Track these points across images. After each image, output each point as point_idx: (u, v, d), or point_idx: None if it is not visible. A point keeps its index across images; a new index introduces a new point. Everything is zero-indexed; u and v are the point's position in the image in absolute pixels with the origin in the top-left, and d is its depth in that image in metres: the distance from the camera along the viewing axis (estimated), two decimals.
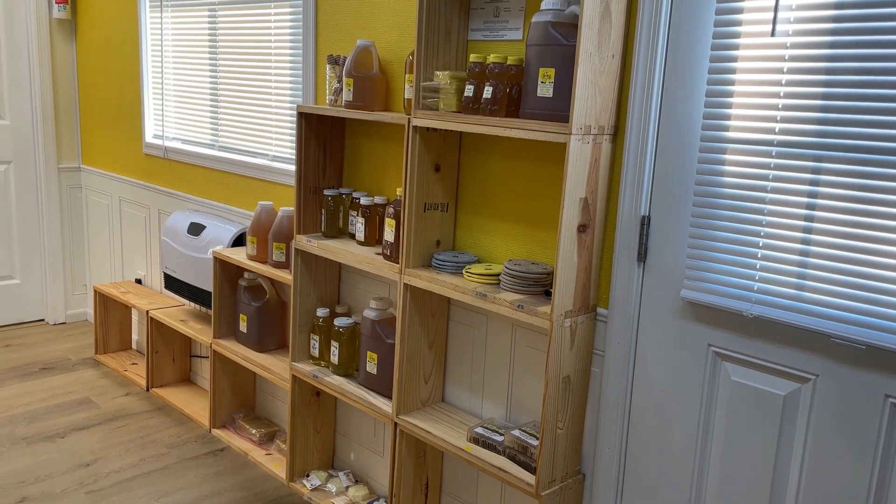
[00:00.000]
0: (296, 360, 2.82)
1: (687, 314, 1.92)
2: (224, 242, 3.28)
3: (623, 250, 2.00)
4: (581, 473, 2.18)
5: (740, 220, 1.79)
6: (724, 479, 1.91)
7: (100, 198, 4.44)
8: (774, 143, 1.72)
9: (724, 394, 1.88)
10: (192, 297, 3.50)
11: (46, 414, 3.45)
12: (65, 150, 4.53)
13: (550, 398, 2.00)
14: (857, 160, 1.61)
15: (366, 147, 2.74)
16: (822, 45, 1.63)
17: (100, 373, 3.95)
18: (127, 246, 4.26)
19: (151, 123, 3.96)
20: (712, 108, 1.81)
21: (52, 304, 4.62)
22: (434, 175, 2.33)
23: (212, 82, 3.52)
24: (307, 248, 2.67)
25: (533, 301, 2.03)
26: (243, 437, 3.27)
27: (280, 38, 3.08)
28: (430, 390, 2.50)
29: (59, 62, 4.43)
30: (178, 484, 2.94)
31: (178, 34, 3.69)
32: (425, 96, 2.21)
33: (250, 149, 3.35)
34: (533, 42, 1.93)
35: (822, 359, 1.71)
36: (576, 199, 1.91)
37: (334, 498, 2.83)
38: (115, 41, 4.09)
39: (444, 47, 2.26)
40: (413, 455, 2.49)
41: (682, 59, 1.86)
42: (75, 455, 3.11)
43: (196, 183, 3.66)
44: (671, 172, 1.91)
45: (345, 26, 2.75)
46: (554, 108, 1.91)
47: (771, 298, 1.75)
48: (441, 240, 2.40)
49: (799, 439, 1.77)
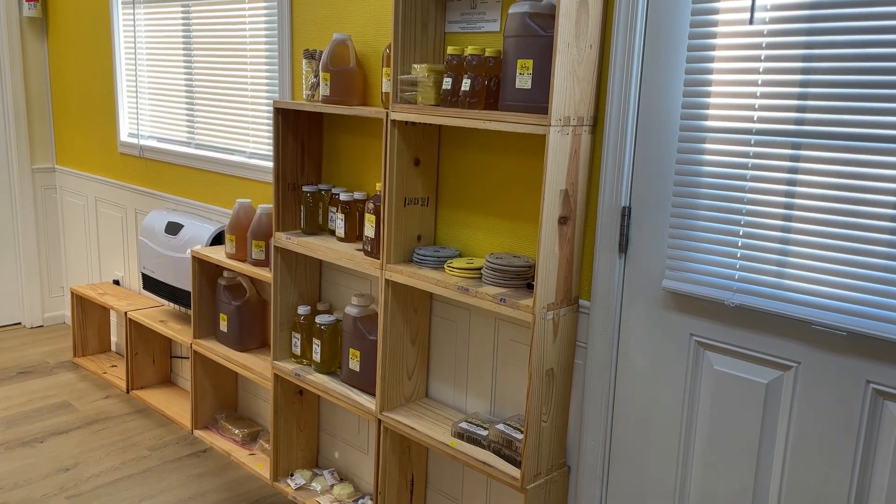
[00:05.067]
0: (277, 358, 2.80)
1: (669, 304, 1.92)
2: (202, 241, 3.24)
3: (604, 242, 2.00)
4: (566, 466, 2.18)
5: (720, 209, 1.79)
6: (708, 467, 1.91)
7: (75, 198, 4.38)
8: (753, 132, 1.72)
9: (707, 383, 1.88)
10: (171, 297, 3.45)
11: (25, 418, 3.40)
12: (38, 151, 4.46)
13: (534, 391, 1.99)
14: (835, 147, 1.61)
15: (344, 142, 2.71)
16: (800, 33, 1.63)
17: (79, 376, 3.89)
18: (104, 247, 4.20)
19: (126, 122, 3.90)
20: (691, 98, 1.80)
21: (29, 307, 4.55)
22: (414, 169, 2.31)
23: (187, 79, 3.48)
24: (287, 246, 2.64)
25: (515, 294, 2.02)
26: (226, 438, 3.24)
27: (255, 33, 3.05)
28: (413, 386, 2.48)
29: (31, 61, 4.35)
30: (161, 486, 2.90)
31: (151, 31, 3.64)
32: (403, 90, 2.19)
33: (227, 146, 3.31)
34: (510, 33, 1.92)
35: (803, 346, 1.72)
36: (556, 191, 1.90)
37: (319, 497, 2.81)
38: (88, 39, 4.02)
39: (422, 40, 2.24)
40: (398, 451, 2.47)
41: (660, 49, 1.86)
42: (55, 460, 3.06)
43: (173, 182, 3.62)
44: (651, 163, 1.91)
45: (320, 20, 2.72)
46: (533, 99, 1.90)
47: (752, 287, 1.76)
48: (422, 234, 2.38)
49: (782, 426, 1.77)
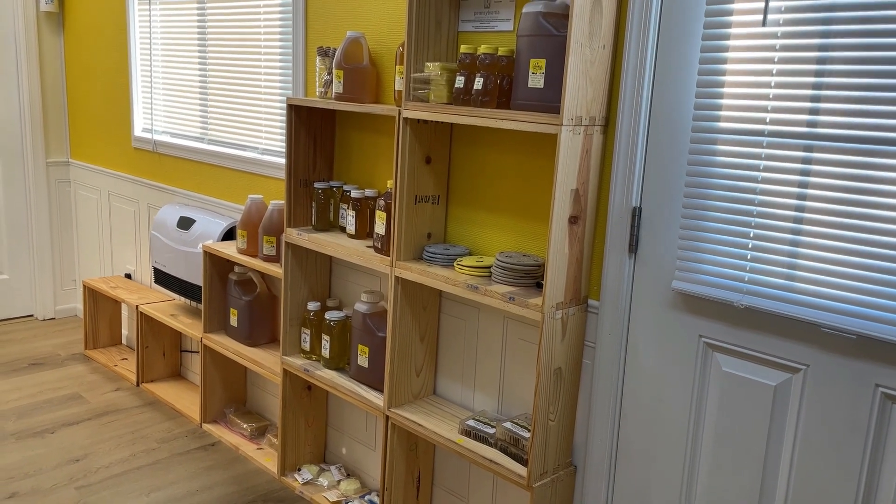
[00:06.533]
0: (287, 354, 2.81)
1: (678, 305, 1.92)
2: (214, 236, 3.26)
3: (614, 242, 2.00)
4: (573, 465, 2.18)
5: (731, 210, 1.79)
6: (715, 469, 1.91)
7: (89, 192, 4.41)
8: (765, 133, 1.72)
9: (715, 385, 1.88)
10: (182, 291, 3.48)
11: (36, 409, 3.43)
12: (53, 145, 4.50)
13: (542, 390, 1.99)
14: (847, 150, 1.61)
15: (356, 139, 2.72)
16: (813, 35, 1.63)
17: (89, 368, 3.92)
18: (116, 241, 4.23)
19: (140, 117, 3.93)
20: (703, 99, 1.80)
21: (41, 299, 4.59)
22: (425, 167, 2.32)
23: (201, 75, 3.50)
24: (297, 242, 2.66)
25: (524, 293, 2.03)
26: (234, 432, 3.26)
27: (270, 30, 3.06)
28: (421, 383, 2.49)
29: (47, 56, 4.39)
30: (169, 479, 2.92)
31: (166, 26, 3.67)
32: (416, 88, 2.20)
33: (240, 142, 3.33)
34: (524, 33, 1.92)
35: (812, 349, 1.71)
36: (567, 191, 1.91)
37: (326, 492, 2.82)
38: (104, 34, 4.05)
39: (435, 38, 2.25)
40: (405, 448, 2.48)
41: (673, 49, 1.86)
42: (65, 450, 3.09)
43: (185, 177, 3.64)
44: (662, 163, 1.91)
45: (335, 18, 2.73)
46: (545, 98, 1.90)
47: (762, 289, 1.75)
48: (432, 232, 2.39)
49: (790, 429, 1.77)
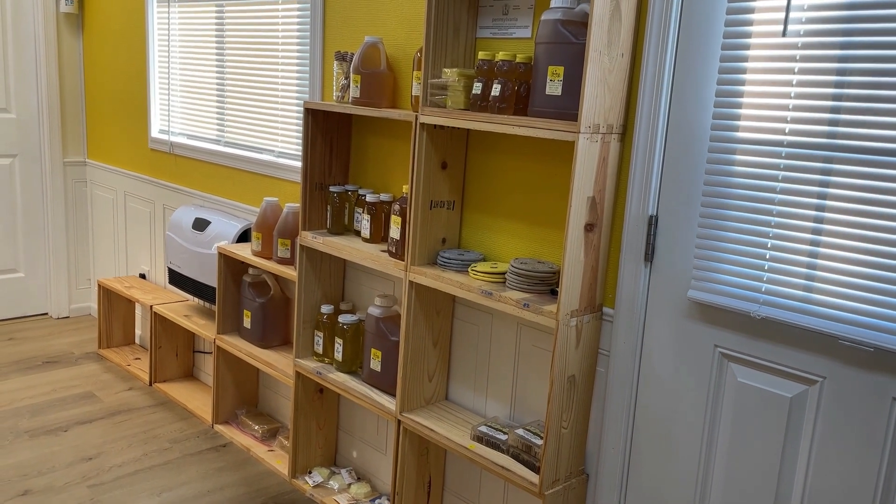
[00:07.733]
0: (299, 356, 2.82)
1: (694, 315, 1.92)
2: (229, 238, 3.28)
3: (630, 250, 2.00)
4: (585, 473, 2.17)
5: (749, 220, 1.78)
6: (729, 480, 1.90)
7: (105, 192, 4.44)
8: (784, 144, 1.71)
9: (730, 395, 1.87)
10: (196, 292, 3.49)
11: (49, 408, 3.45)
12: (70, 145, 4.53)
13: (555, 397, 1.99)
14: (867, 161, 1.60)
15: (372, 144, 2.73)
16: (834, 46, 1.62)
17: (103, 367, 3.95)
18: (131, 241, 4.26)
19: (157, 118, 3.96)
20: (722, 108, 1.80)
21: (56, 298, 4.63)
22: (441, 173, 2.32)
23: (218, 78, 3.52)
24: (312, 245, 2.66)
25: (539, 300, 2.03)
26: (246, 434, 3.27)
27: (287, 34, 3.08)
28: (433, 388, 2.49)
29: (66, 56, 4.43)
30: (180, 479, 2.93)
31: (185, 29, 3.69)
32: (433, 93, 2.20)
33: (256, 145, 3.34)
34: (542, 40, 1.93)
35: (829, 361, 1.70)
36: (583, 198, 1.91)
37: (336, 495, 2.82)
38: (122, 36, 4.09)
39: (453, 44, 2.25)
40: (416, 453, 2.48)
41: (692, 59, 1.85)
42: (78, 449, 3.11)
43: (201, 178, 3.66)
44: (680, 172, 1.90)
45: (353, 22, 2.74)
46: (563, 106, 1.90)
47: (779, 300, 1.74)
48: (447, 237, 2.39)
49: (805, 442, 1.76)
